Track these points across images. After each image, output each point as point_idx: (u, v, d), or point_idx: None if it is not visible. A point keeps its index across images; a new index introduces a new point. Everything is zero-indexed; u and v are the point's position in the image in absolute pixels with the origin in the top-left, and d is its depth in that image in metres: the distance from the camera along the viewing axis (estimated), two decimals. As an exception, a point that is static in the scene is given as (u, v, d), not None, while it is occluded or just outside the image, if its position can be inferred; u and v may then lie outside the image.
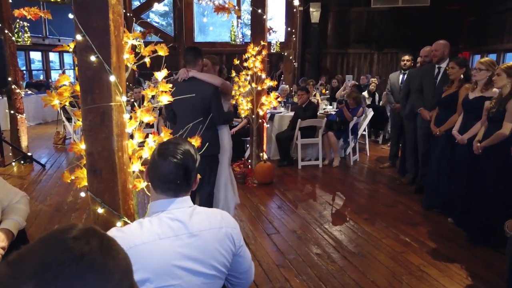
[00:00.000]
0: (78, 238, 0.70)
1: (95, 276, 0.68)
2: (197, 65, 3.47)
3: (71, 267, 0.66)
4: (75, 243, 0.69)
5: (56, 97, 1.82)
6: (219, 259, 1.38)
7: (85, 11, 1.69)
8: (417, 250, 3.50)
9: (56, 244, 0.69)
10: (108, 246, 0.73)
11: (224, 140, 3.70)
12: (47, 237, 0.72)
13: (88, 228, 0.75)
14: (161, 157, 1.36)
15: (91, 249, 0.70)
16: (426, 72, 4.84)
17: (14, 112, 6.12)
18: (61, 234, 0.71)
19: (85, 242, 0.70)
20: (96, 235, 0.73)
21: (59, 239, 0.70)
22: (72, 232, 0.71)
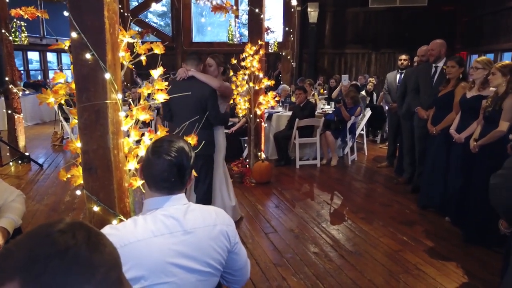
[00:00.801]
0: (64, 232, 0.71)
1: (80, 270, 0.68)
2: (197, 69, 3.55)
3: (56, 260, 0.67)
4: (61, 237, 0.69)
5: (51, 95, 1.81)
6: (214, 256, 1.38)
7: (80, 9, 1.69)
8: (414, 248, 3.51)
9: (42, 237, 0.70)
10: (95, 240, 0.73)
11: (219, 140, 3.73)
12: (34, 231, 0.72)
13: (75, 222, 0.75)
14: (154, 155, 1.36)
15: (77, 242, 0.70)
16: (423, 71, 4.85)
17: (11, 112, 6.11)
18: (48, 228, 0.72)
19: (71, 236, 0.70)
20: (83, 229, 0.74)
21: (45, 232, 0.71)
22: (58, 226, 0.72)
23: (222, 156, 3.84)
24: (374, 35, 12.22)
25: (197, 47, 12.71)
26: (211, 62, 3.69)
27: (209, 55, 3.79)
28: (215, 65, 3.69)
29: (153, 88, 2.02)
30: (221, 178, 3.85)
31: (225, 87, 3.64)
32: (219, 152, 3.75)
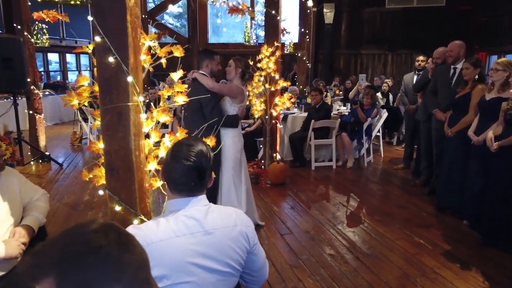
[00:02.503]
0: (97, 231, 0.75)
1: (111, 268, 0.72)
2: (203, 67, 3.64)
3: (89, 258, 0.70)
4: (94, 236, 0.74)
5: (75, 97, 1.86)
6: (233, 257, 1.40)
7: (104, 14, 1.73)
8: (431, 252, 3.48)
9: (76, 236, 0.74)
10: (126, 240, 0.77)
11: (225, 142, 3.66)
12: (69, 230, 0.77)
13: (107, 223, 0.79)
14: (174, 160, 1.39)
15: (109, 242, 0.74)
16: (441, 72, 4.79)
17: (32, 112, 6.25)
18: (82, 227, 0.76)
19: (104, 236, 0.74)
20: (115, 230, 0.77)
21: (79, 231, 0.75)
22: (91, 226, 0.76)
23: (231, 160, 3.71)
24: (390, 36, 12.11)
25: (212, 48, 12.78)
26: (230, 62, 3.78)
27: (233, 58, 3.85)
28: (233, 66, 3.74)
29: (173, 90, 2.05)
30: (229, 183, 3.71)
31: (219, 88, 3.66)
32: (226, 156, 3.67)
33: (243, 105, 3.75)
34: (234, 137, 3.73)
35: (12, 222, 1.99)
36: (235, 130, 3.75)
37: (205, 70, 3.63)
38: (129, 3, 1.72)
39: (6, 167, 2.20)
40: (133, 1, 1.74)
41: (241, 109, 3.74)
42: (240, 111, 3.73)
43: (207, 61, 3.65)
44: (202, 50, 3.84)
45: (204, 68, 3.63)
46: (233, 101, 3.68)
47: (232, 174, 3.72)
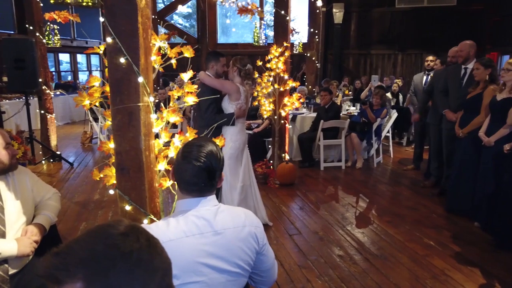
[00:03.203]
0: (127, 235, 0.72)
1: (142, 272, 0.70)
2: (209, 68, 3.73)
3: (121, 262, 0.68)
4: (125, 240, 0.71)
5: (87, 97, 1.88)
6: (242, 257, 1.41)
7: (115, 15, 1.74)
8: (441, 253, 3.45)
9: (104, 238, 0.71)
10: (154, 244, 0.76)
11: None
12: (95, 231, 0.74)
13: (135, 226, 0.77)
14: (184, 160, 1.40)
15: (141, 246, 0.72)
16: (452, 73, 4.75)
17: (44, 112, 6.33)
18: (109, 229, 0.73)
19: (135, 239, 0.72)
20: (144, 233, 0.75)
21: (107, 234, 0.72)
22: (119, 228, 0.74)
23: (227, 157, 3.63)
24: (400, 36, 12.02)
25: (221, 48, 12.83)
26: (230, 63, 3.84)
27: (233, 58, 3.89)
28: (231, 66, 3.81)
29: (183, 91, 2.06)
30: (226, 183, 3.71)
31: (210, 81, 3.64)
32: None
33: (240, 103, 3.70)
34: (233, 135, 3.74)
35: (24, 220, 2.02)
36: (234, 128, 3.74)
37: (210, 71, 3.72)
38: (140, 4, 1.73)
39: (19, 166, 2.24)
40: (144, 2, 1.75)
41: (238, 107, 3.70)
42: (237, 109, 3.70)
43: (212, 63, 3.73)
44: (209, 52, 3.89)
45: (210, 69, 3.73)
46: (230, 100, 3.70)
47: (230, 177, 3.75)
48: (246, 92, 3.78)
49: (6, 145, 1.99)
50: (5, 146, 1.97)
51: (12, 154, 2.01)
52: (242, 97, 3.69)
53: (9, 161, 1.99)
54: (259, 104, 5.47)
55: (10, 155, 2.00)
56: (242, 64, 3.75)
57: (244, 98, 3.72)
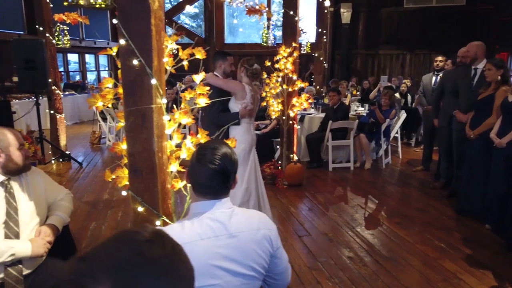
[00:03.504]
0: (152, 242, 0.71)
1: (168, 280, 0.69)
2: (216, 67, 3.73)
3: (147, 270, 0.67)
4: (151, 247, 0.70)
5: (100, 99, 1.89)
6: (257, 260, 1.40)
7: (128, 17, 1.75)
8: (452, 256, 3.42)
9: (130, 246, 0.70)
10: (179, 251, 0.75)
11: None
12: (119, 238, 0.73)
13: (159, 232, 0.76)
14: (199, 163, 1.40)
15: (167, 253, 0.71)
16: (462, 73, 4.71)
17: (53, 112, 6.37)
18: (134, 235, 0.72)
19: (161, 246, 0.71)
20: (168, 239, 0.74)
21: (133, 241, 0.71)
22: (144, 234, 0.72)
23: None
24: (408, 36, 11.94)
25: (229, 48, 12.83)
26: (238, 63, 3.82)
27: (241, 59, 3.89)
28: (239, 66, 3.79)
29: (194, 92, 2.06)
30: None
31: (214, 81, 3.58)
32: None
33: (245, 103, 3.64)
34: (238, 135, 3.64)
35: (38, 221, 2.03)
36: (239, 128, 3.67)
37: (218, 71, 3.72)
38: (153, 6, 1.73)
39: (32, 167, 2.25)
40: (157, 4, 1.75)
41: (243, 106, 3.64)
42: (242, 108, 3.65)
43: (220, 62, 3.71)
44: (216, 51, 3.85)
45: (218, 69, 3.72)
46: (236, 99, 3.66)
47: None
48: (254, 92, 3.74)
49: (19, 146, 2.00)
50: (18, 147, 1.99)
51: (25, 155, 2.02)
52: (248, 96, 3.64)
53: (23, 162, 2.00)
54: (267, 104, 5.46)
55: (24, 156, 2.01)
56: (249, 64, 3.73)
57: (250, 98, 3.66)
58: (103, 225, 4.01)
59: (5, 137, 1.95)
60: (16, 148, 1.97)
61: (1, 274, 1.84)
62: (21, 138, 2.04)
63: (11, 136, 1.97)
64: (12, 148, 1.95)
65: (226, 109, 3.71)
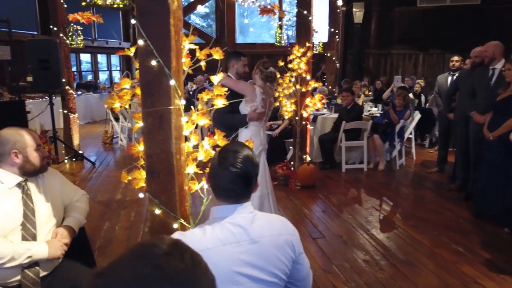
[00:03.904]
0: (170, 254, 0.69)
1: None
2: (230, 67, 3.70)
3: (166, 285, 0.65)
4: (169, 260, 0.68)
5: (117, 100, 1.87)
6: (279, 266, 1.37)
7: (147, 17, 1.72)
8: (471, 260, 3.34)
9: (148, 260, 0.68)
10: (198, 262, 0.72)
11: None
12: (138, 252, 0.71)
13: (178, 242, 0.74)
14: (221, 167, 1.36)
15: (186, 266, 0.69)
16: (479, 73, 4.62)
17: (67, 112, 6.41)
18: (152, 248, 0.70)
19: (180, 259, 0.69)
20: (188, 251, 0.72)
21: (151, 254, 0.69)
22: (163, 247, 0.71)
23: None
24: (422, 35, 11.79)
25: (240, 48, 12.81)
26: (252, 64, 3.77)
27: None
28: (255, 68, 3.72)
29: (212, 93, 2.03)
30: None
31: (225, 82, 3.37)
32: None
33: (255, 106, 3.54)
34: (246, 137, 3.49)
35: (55, 222, 2.02)
36: (247, 131, 3.58)
37: (231, 71, 3.67)
38: (173, 6, 1.70)
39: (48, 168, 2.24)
40: (177, 4, 1.73)
41: (253, 109, 3.55)
42: (251, 111, 3.55)
43: (233, 62, 3.66)
44: (230, 51, 3.77)
45: (231, 69, 3.68)
46: (246, 101, 3.56)
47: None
48: (266, 95, 3.62)
49: (36, 146, 1.98)
50: (35, 148, 1.97)
51: (42, 155, 2.01)
52: (258, 99, 3.53)
53: (40, 163, 1.99)
54: (280, 105, 5.42)
55: (41, 156, 2.00)
56: (265, 67, 3.64)
57: (261, 101, 3.54)
58: (117, 225, 4.01)
59: (23, 138, 1.94)
60: (33, 149, 1.96)
61: (18, 276, 1.83)
62: (38, 139, 2.03)
63: (28, 136, 1.96)
64: (30, 149, 1.94)
65: (236, 111, 3.60)
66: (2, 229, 1.81)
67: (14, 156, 1.91)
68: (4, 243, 1.77)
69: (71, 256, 2.02)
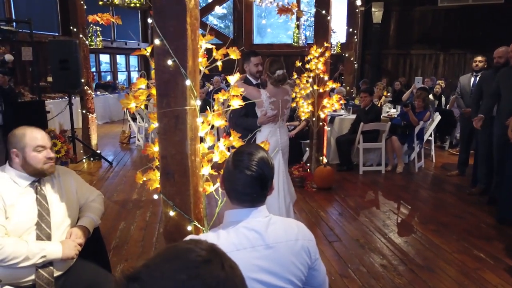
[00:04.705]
0: (210, 261, 0.67)
1: None
2: (245, 69, 3.66)
3: None
4: (209, 269, 0.65)
5: (133, 100, 1.86)
6: (295, 273, 1.32)
7: (164, 16, 1.70)
8: (493, 267, 3.23)
9: (187, 268, 0.65)
10: (236, 270, 0.70)
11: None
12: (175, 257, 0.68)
13: (216, 249, 0.71)
14: (236, 170, 1.32)
15: (226, 275, 0.66)
16: (504, 75, 4.47)
17: (85, 112, 6.49)
18: (190, 254, 0.67)
19: (220, 267, 0.66)
20: (227, 259, 0.70)
21: (189, 261, 0.66)
22: (201, 253, 0.68)
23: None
24: (443, 35, 11.55)
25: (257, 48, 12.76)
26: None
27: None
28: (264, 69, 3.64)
29: (228, 94, 2.00)
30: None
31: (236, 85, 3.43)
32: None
33: (264, 110, 3.47)
34: (262, 139, 3.45)
35: (69, 222, 2.02)
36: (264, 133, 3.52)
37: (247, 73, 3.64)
38: (189, 4, 1.68)
39: (64, 167, 2.25)
40: (193, 3, 1.70)
41: (263, 113, 3.49)
42: (262, 115, 3.50)
43: (245, 64, 3.63)
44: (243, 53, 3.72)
45: (247, 71, 3.64)
46: (257, 105, 3.49)
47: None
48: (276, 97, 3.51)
49: (36, 147, 1.90)
50: (35, 149, 1.90)
51: (45, 157, 1.92)
52: (265, 104, 3.45)
53: (41, 165, 1.91)
54: (297, 105, 5.37)
55: (42, 159, 1.91)
56: (271, 71, 3.49)
57: (270, 104, 3.46)
58: (132, 226, 4.02)
59: (23, 138, 1.90)
60: (32, 150, 1.89)
61: (32, 275, 1.83)
62: (40, 140, 1.93)
63: (31, 136, 1.90)
64: (28, 149, 1.89)
65: (251, 113, 3.54)
66: (17, 229, 1.81)
67: (15, 156, 1.90)
68: (19, 242, 1.78)
69: (85, 257, 2.02)
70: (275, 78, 3.47)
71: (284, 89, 3.63)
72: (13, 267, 1.76)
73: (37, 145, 1.91)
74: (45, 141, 1.96)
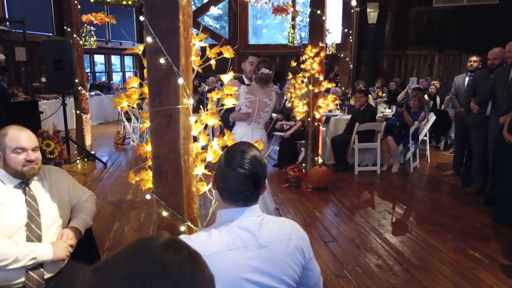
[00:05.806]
0: (168, 246, 0.68)
1: None
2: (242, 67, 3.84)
3: (160, 279, 0.64)
4: (163, 255, 0.66)
5: (125, 99, 1.83)
6: (288, 273, 1.30)
7: (156, 13, 1.68)
8: (489, 267, 3.23)
9: (143, 254, 0.67)
10: (196, 260, 0.70)
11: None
12: (134, 247, 0.70)
13: (176, 238, 0.73)
14: (229, 168, 1.30)
15: (181, 261, 0.66)
16: (500, 74, 4.48)
17: (79, 112, 6.44)
18: (148, 243, 0.69)
19: (174, 254, 0.67)
20: (184, 247, 0.70)
21: (146, 249, 0.68)
22: (158, 242, 0.69)
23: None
24: (438, 36, 11.57)
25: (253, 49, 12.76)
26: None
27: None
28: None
29: (222, 93, 1.98)
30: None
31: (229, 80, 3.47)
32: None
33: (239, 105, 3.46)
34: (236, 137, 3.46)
35: (61, 223, 1.98)
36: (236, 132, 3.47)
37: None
38: (182, 1, 1.66)
39: (55, 167, 2.22)
40: (186, 0, 1.68)
41: (237, 109, 3.49)
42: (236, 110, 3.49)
43: (244, 61, 3.77)
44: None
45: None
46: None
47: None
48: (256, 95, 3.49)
49: (15, 149, 1.84)
50: (13, 150, 1.84)
51: (25, 159, 1.85)
52: (241, 98, 3.43)
53: (20, 167, 1.85)
54: (292, 105, 5.35)
55: (21, 160, 1.85)
56: (258, 68, 3.55)
57: (245, 100, 3.44)
58: (126, 226, 3.98)
59: (4, 138, 1.85)
60: (11, 151, 1.84)
61: (23, 277, 1.80)
62: (24, 141, 1.87)
63: (11, 137, 1.85)
64: (8, 150, 1.84)
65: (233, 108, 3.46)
66: (6, 230, 1.78)
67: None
68: (9, 243, 1.74)
69: (77, 258, 1.99)
70: (258, 75, 3.53)
71: (268, 92, 3.61)
72: (2, 269, 1.72)
73: (16, 146, 1.85)
74: (28, 142, 1.88)
